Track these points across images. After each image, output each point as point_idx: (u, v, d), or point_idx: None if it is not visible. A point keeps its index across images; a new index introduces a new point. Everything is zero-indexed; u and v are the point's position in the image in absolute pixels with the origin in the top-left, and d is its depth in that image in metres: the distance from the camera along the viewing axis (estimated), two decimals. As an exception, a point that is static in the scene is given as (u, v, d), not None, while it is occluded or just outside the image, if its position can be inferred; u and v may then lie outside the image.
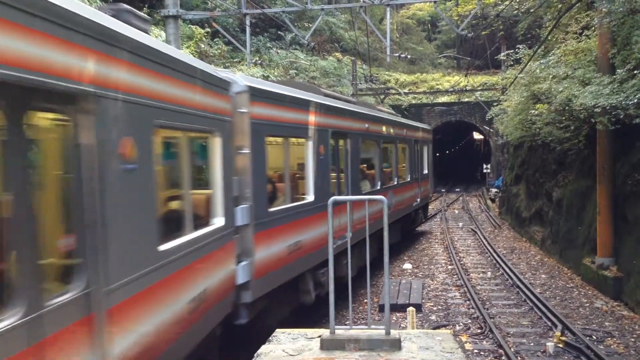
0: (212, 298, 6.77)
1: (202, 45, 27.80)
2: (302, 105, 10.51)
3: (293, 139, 10.39)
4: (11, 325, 3.38)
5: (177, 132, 6.28)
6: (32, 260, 3.64)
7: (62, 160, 4.34)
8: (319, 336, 5.79)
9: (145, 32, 5.79)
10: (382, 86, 41.31)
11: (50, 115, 4.19)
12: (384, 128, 16.90)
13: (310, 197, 10.60)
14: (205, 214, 7.06)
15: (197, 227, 6.50)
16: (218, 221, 7.19)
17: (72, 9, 4.11)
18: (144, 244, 5.16)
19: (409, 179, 19.90)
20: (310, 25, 29.14)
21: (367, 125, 14.91)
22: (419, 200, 21.51)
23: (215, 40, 30.07)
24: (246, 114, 8.20)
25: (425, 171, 23.64)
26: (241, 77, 8.49)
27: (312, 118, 10.86)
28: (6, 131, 3.50)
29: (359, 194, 13.67)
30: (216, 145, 7.29)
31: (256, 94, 8.55)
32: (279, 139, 9.79)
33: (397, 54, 34.08)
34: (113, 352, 4.47)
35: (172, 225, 5.98)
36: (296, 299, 10.51)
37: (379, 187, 15.77)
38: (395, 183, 17.81)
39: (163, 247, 5.48)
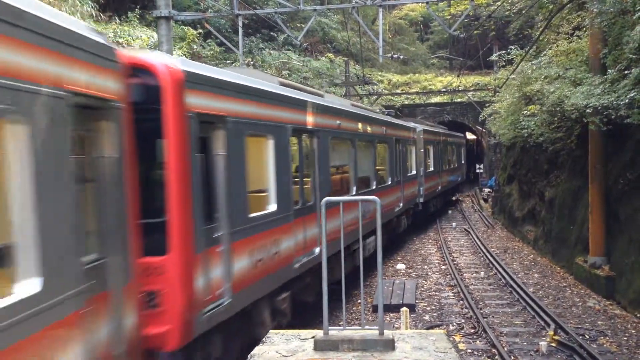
0: (411, 195, 21.96)
1: (195, 47, 27.73)
2: (432, 133, 28.77)
3: (429, 146, 27.23)
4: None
5: (407, 146, 22.16)
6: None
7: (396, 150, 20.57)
8: (313, 337, 5.78)
9: (395, 117, 25.82)
10: (374, 87, 41.29)
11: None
12: (449, 139, 35.16)
13: (431, 168, 27.59)
14: (411, 169, 22.79)
15: (411, 172, 22.62)
16: (413, 171, 23.19)
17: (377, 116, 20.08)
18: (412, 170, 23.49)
19: (456, 165, 38.45)
20: (303, 25, 29.13)
21: (443, 138, 32.39)
22: (460, 178, 40.78)
23: (207, 41, 30.01)
24: (422, 138, 25.09)
25: (462, 162, 42.84)
26: (420, 125, 26.50)
27: (431, 137, 28.07)
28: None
29: (442, 170, 30.77)
30: (413, 149, 23.60)
31: (424, 131, 26.11)
32: (427, 146, 26.59)
33: (390, 55, 34.15)
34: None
35: (409, 169, 22.54)
36: (427, 210, 26.58)
37: (447, 168, 33.22)
38: (450, 167, 35.09)
39: (409, 174, 22.36)
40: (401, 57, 37.64)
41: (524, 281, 15.34)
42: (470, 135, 51.11)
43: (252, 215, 8.11)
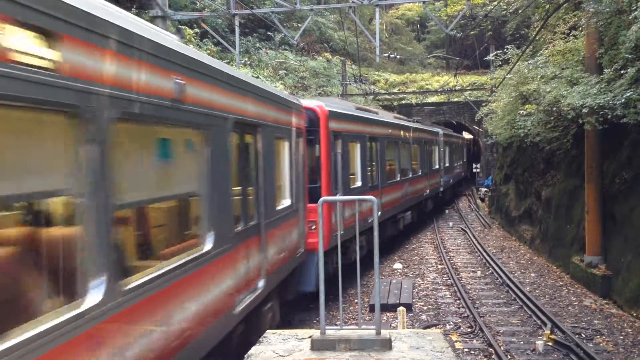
0: (435, 185, 27.89)
1: (191, 46, 27.70)
2: (448, 136, 35.02)
3: (446, 147, 33.46)
4: None
5: (432, 146, 28.26)
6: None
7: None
8: (310, 337, 5.78)
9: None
10: (372, 86, 41.38)
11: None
12: (458, 141, 42.33)
13: (447, 164, 33.81)
14: (434, 164, 28.98)
15: (434, 166, 29.25)
16: (436, 166, 29.44)
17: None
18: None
19: (461, 163, 43.51)
20: (300, 25, 29.12)
21: (455, 139, 39.21)
22: (463, 174, 45.42)
23: (204, 40, 29.98)
24: (442, 140, 31.95)
25: (465, 160, 47.46)
26: (441, 129, 32.69)
27: (447, 139, 34.32)
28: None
29: (453, 166, 37.16)
30: (436, 148, 29.62)
31: (444, 134, 33.13)
32: (445, 146, 33.04)
33: (387, 54, 34.12)
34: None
35: (433, 164, 29.07)
36: (444, 197, 33.32)
37: (455, 165, 38.69)
38: (456, 164, 39.88)
39: (433, 168, 28.60)
40: (398, 56, 37.59)
41: (520, 280, 15.36)
42: (467, 135, 51.17)
43: (352, 186, 14.52)
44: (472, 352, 10.16)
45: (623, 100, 10.99)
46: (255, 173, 8.10)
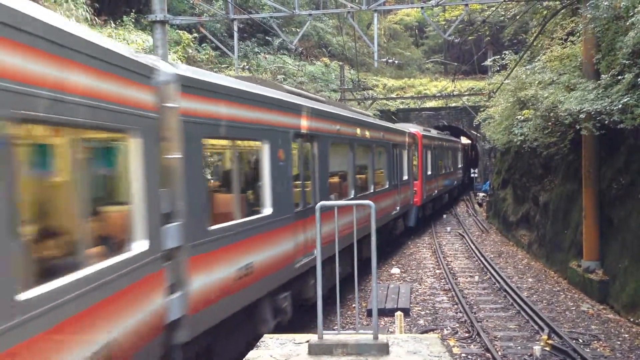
0: (461, 178, 44.64)
1: (190, 51, 27.75)
2: (463, 144, 49.53)
3: (463, 152, 49.00)
4: None
5: (458, 152, 42.86)
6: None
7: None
8: (307, 341, 5.78)
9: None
10: (368, 91, 41.40)
11: None
12: (466, 147, 49.38)
13: (464, 165, 47.37)
14: (459, 164, 43.49)
15: (459, 165, 43.28)
16: (459, 165, 43.57)
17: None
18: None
19: (458, 167, 43.82)
20: (298, 30, 29.18)
21: (463, 146, 47.15)
22: (461, 177, 46.95)
23: (203, 45, 30.03)
24: (462, 147, 47.93)
25: (462, 165, 49.07)
26: (461, 139, 47.79)
27: (464, 146, 49.39)
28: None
29: (464, 166, 47.35)
30: (459, 153, 44.75)
31: (462, 143, 47.72)
32: (462, 152, 47.90)
33: (385, 59, 34.19)
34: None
35: (458, 164, 43.92)
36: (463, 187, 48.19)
37: (464, 165, 46.64)
38: (463, 165, 46.13)
39: (458, 167, 44.42)
40: (396, 61, 37.64)
41: (518, 285, 15.37)
42: (465, 140, 51.22)
43: (427, 174, 26.83)
44: (470, 357, 10.16)
45: (620, 105, 11.02)
46: (397, 163, 19.34)
